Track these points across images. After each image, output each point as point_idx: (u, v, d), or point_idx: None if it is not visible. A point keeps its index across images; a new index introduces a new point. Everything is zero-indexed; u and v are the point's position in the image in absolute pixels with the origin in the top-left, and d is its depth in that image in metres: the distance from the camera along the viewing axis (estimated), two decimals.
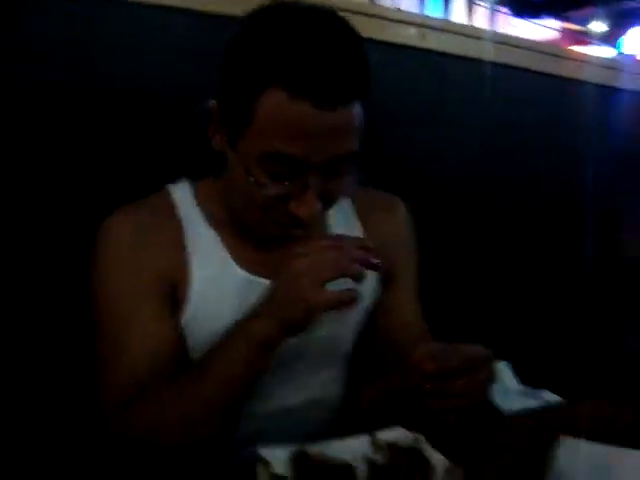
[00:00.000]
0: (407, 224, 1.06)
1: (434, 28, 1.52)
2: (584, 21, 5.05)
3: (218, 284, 0.89)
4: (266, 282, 0.85)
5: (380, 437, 0.76)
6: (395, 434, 0.76)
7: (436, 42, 1.52)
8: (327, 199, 0.82)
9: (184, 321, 0.87)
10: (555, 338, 1.95)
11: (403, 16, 1.52)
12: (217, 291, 0.89)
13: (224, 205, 0.92)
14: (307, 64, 0.74)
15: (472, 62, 1.61)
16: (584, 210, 1.97)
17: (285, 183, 0.78)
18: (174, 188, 0.94)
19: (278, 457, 0.70)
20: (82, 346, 0.94)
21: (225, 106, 0.81)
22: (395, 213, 1.05)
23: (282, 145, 0.76)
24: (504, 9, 4.87)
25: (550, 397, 1.62)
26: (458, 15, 4.57)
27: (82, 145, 1.10)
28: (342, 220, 0.98)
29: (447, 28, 1.57)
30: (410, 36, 1.48)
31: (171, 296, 0.88)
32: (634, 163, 2.04)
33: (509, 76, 1.70)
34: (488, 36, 1.68)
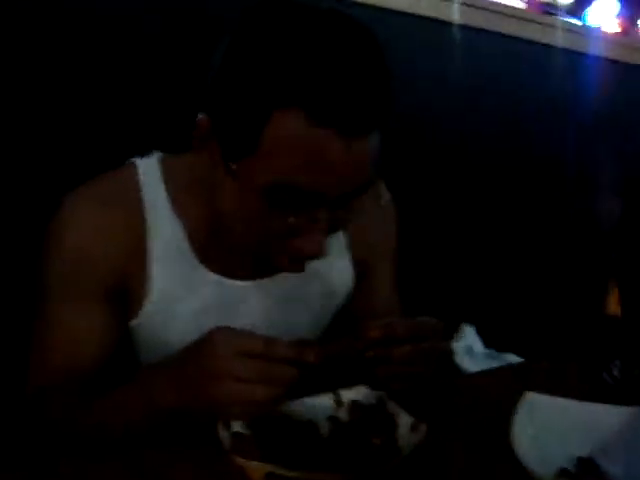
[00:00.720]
0: (388, 213, 1.00)
1: None
2: None
3: (180, 283, 0.82)
4: (235, 283, 0.82)
5: (343, 395, 0.75)
6: (358, 392, 0.75)
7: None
8: (333, 229, 0.72)
9: (138, 321, 0.81)
10: (525, 302, 1.98)
11: None
12: (179, 290, 0.81)
13: (196, 189, 0.80)
14: (333, 85, 0.62)
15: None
16: (549, 171, 2.00)
17: (291, 217, 0.69)
18: (141, 163, 0.83)
19: None
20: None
21: (221, 126, 0.69)
22: (389, 222, 1.00)
23: (296, 177, 0.65)
24: None
25: (514, 360, 1.65)
26: None
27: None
28: None
29: None
30: None
31: (120, 293, 0.80)
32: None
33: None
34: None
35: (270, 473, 0.59)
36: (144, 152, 0.85)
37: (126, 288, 0.81)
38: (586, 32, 2.09)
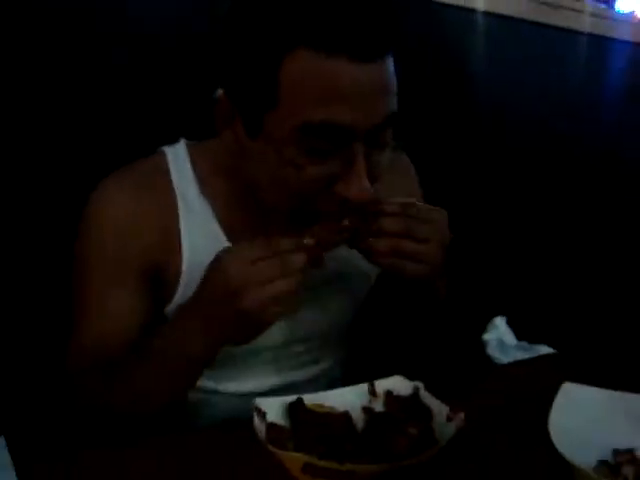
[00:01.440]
0: (417, 183, 1.01)
1: None
2: None
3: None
4: None
5: (378, 385, 0.75)
6: (393, 382, 0.75)
7: None
8: (372, 176, 0.71)
9: (172, 306, 0.83)
10: (558, 295, 1.96)
11: None
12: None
13: (222, 171, 0.84)
14: (334, 15, 0.65)
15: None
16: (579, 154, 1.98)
17: (327, 162, 0.69)
18: (169, 150, 0.87)
19: (274, 406, 0.69)
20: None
21: (238, 89, 0.71)
22: (405, 174, 1.00)
23: (321, 113, 0.66)
24: None
25: (546, 351, 1.63)
26: None
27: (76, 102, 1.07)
28: None
29: None
30: None
31: (156, 278, 0.83)
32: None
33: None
34: None
35: (307, 464, 0.59)
36: (171, 142, 0.89)
37: (161, 273, 0.83)
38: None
